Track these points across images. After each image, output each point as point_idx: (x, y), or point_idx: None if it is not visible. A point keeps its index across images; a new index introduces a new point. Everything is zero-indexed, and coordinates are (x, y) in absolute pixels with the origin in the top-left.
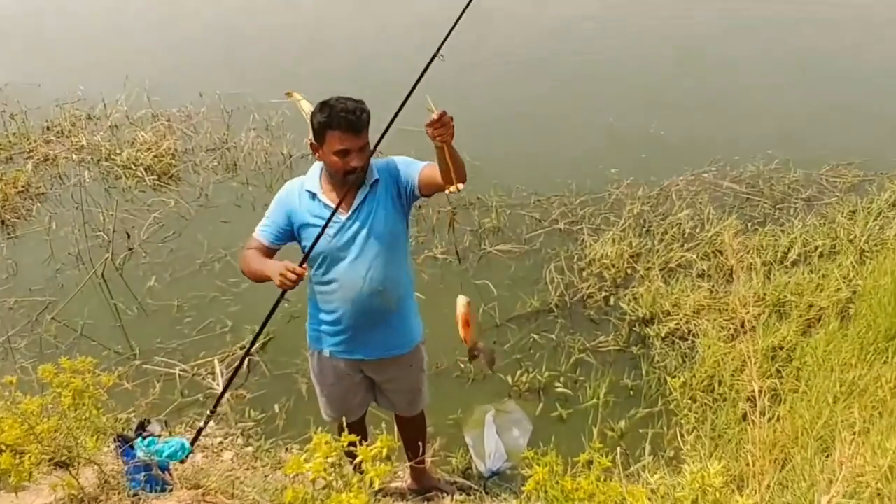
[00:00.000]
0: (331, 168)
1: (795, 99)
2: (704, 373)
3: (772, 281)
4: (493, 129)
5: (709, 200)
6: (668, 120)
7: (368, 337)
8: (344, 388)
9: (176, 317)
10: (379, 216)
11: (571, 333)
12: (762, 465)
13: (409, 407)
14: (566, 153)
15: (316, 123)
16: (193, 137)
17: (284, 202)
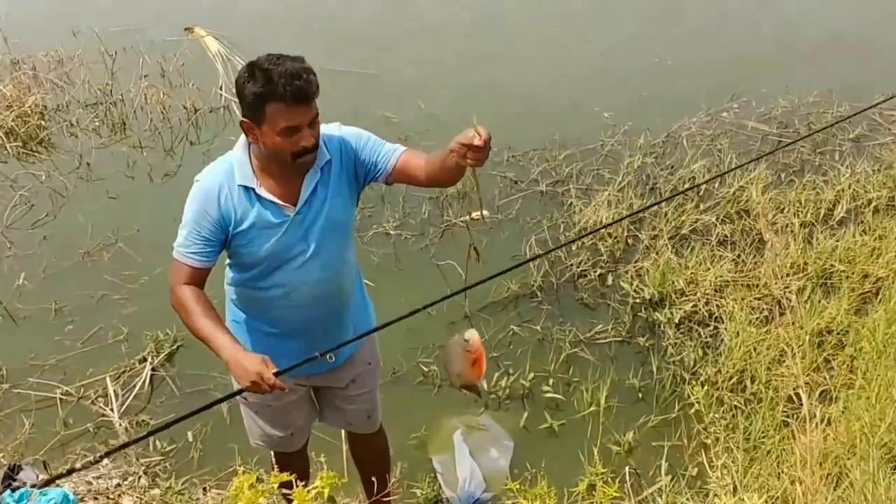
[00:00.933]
0: (272, 152)
1: (839, 13)
2: (732, 367)
3: (814, 246)
4: (454, 66)
5: (730, 147)
6: (676, 46)
7: (315, 346)
8: (283, 406)
9: (54, 324)
10: (335, 206)
11: (561, 323)
12: (812, 484)
13: (368, 422)
14: (547, 95)
15: (249, 95)
16: (67, 90)
17: (207, 206)
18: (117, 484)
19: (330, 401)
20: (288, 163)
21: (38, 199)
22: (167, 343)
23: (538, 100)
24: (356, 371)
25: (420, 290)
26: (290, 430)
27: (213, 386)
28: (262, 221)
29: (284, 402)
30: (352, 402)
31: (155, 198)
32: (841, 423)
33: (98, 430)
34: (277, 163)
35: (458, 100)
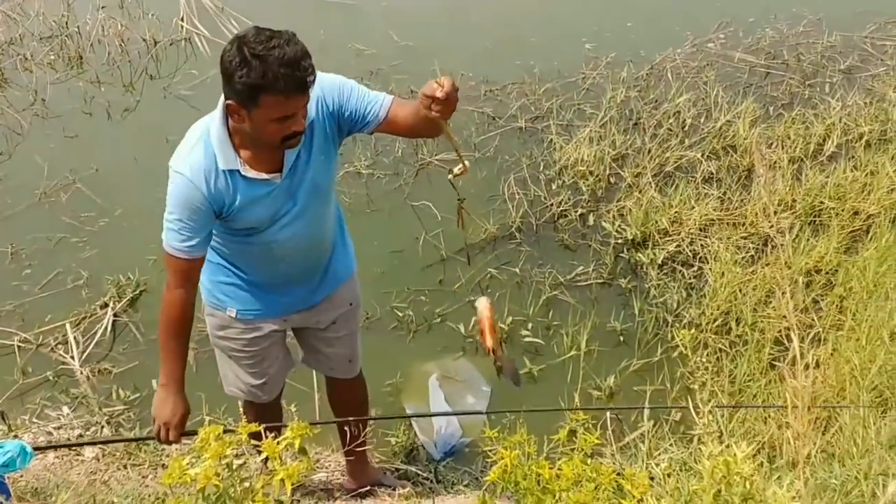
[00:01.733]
0: (260, 137)
1: None
2: (717, 308)
3: (803, 183)
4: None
5: (716, 79)
6: None
7: (301, 291)
8: (258, 351)
9: (10, 268)
10: (319, 169)
11: (540, 265)
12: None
13: (349, 366)
14: (526, 25)
15: (240, 83)
16: (21, 22)
17: (194, 201)
18: (79, 434)
19: (311, 343)
20: (274, 144)
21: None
22: (129, 288)
23: (516, 30)
24: (336, 312)
25: (394, 232)
26: (263, 379)
27: None
28: (251, 198)
29: (260, 348)
30: (332, 345)
31: (114, 136)
32: (829, 365)
33: (59, 379)
34: (261, 144)
35: (432, 30)
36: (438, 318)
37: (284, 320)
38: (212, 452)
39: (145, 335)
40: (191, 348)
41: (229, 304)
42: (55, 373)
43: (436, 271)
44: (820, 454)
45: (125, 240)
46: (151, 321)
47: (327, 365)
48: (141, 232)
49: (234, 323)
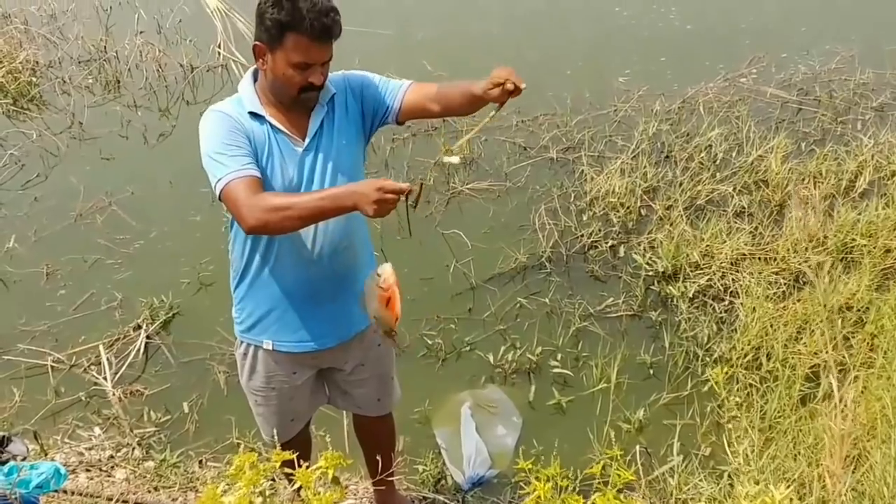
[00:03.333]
0: (280, 82)
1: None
2: (748, 343)
3: (835, 219)
4: (461, 27)
5: (748, 114)
6: (693, 7)
7: (329, 313)
8: (289, 392)
9: (45, 289)
10: (342, 146)
11: (570, 296)
12: (830, 466)
13: (378, 405)
14: (558, 57)
15: (271, 21)
16: (60, 45)
17: (233, 124)
18: (110, 455)
19: (338, 384)
20: (292, 96)
21: (28, 158)
22: (162, 310)
23: (550, 62)
24: (364, 353)
25: (425, 260)
26: (290, 417)
27: (210, 356)
28: (276, 151)
29: (288, 390)
30: (360, 386)
31: (150, 159)
32: (860, 403)
33: (90, 400)
34: (282, 94)
35: (465, 60)
36: (468, 347)
37: (314, 357)
38: (246, 481)
39: (177, 357)
40: (222, 371)
41: (265, 337)
42: (87, 393)
43: (465, 299)
44: (850, 492)
45: (159, 262)
46: (183, 343)
47: (354, 404)
48: (175, 254)
49: (268, 361)
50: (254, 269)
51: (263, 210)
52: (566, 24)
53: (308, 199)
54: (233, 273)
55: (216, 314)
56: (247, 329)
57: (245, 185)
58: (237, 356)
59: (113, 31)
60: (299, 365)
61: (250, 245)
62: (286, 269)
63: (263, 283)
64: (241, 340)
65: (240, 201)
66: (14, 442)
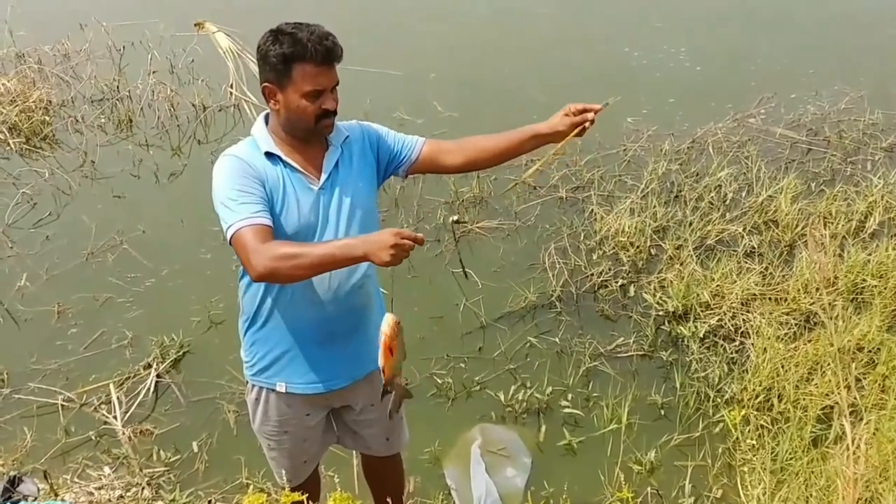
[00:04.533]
0: (295, 116)
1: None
2: (759, 385)
3: (845, 260)
4: (472, 64)
5: (758, 154)
6: (702, 47)
7: (341, 353)
8: (302, 434)
9: (57, 327)
10: (359, 187)
11: (580, 335)
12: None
13: (387, 444)
14: (567, 96)
15: (275, 57)
16: (73, 85)
17: (247, 169)
18: (120, 496)
19: (347, 424)
20: (310, 127)
21: (41, 197)
22: (173, 349)
23: (560, 103)
24: (374, 393)
25: (434, 299)
26: (303, 458)
27: (220, 395)
28: (291, 190)
29: (300, 433)
30: (369, 426)
31: (161, 198)
32: (872, 445)
33: (100, 439)
34: (298, 130)
35: (475, 101)
36: (478, 386)
37: (327, 398)
38: None
39: (187, 396)
40: (231, 411)
41: (279, 380)
42: (97, 432)
43: (475, 338)
44: None
45: (170, 301)
46: (194, 382)
47: (363, 444)
48: (185, 293)
49: (280, 404)
50: (266, 311)
51: (272, 258)
52: (576, 64)
53: (319, 248)
54: (243, 317)
55: (226, 353)
56: (259, 372)
57: (254, 232)
58: (248, 401)
59: (126, 71)
60: (312, 406)
61: (264, 288)
62: (300, 311)
63: (276, 326)
64: (253, 384)
65: (249, 248)
66: (25, 482)
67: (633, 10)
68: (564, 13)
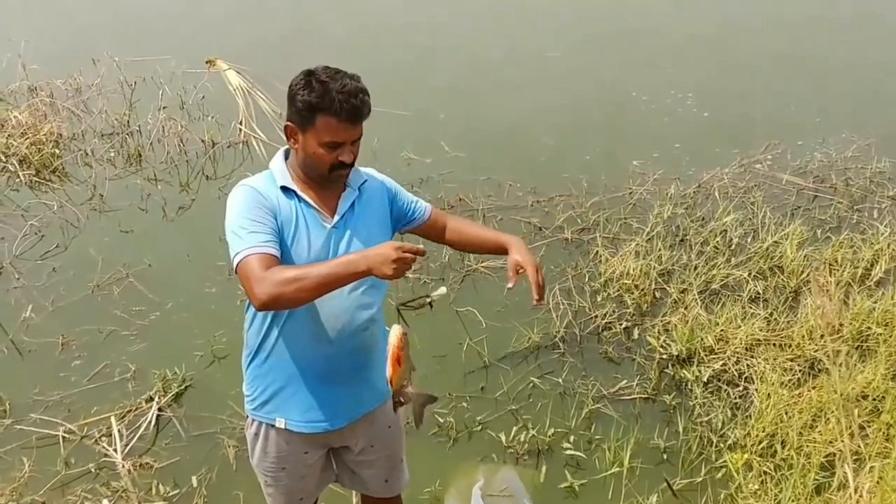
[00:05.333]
0: (311, 161)
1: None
2: (762, 430)
3: (851, 307)
4: (480, 108)
5: (763, 200)
6: (710, 94)
7: (341, 393)
8: (300, 471)
9: (60, 359)
10: (372, 230)
11: (583, 377)
12: None
13: (386, 486)
14: (574, 140)
15: (303, 103)
16: (84, 119)
17: (260, 200)
18: None
19: (346, 464)
20: (324, 174)
21: (48, 229)
22: (175, 383)
23: (567, 146)
24: (374, 434)
25: (438, 337)
26: (300, 496)
27: (220, 429)
28: (303, 224)
29: (299, 470)
30: (368, 467)
31: (168, 232)
32: (876, 493)
33: (100, 471)
34: (313, 172)
35: (483, 143)
36: (479, 426)
37: (325, 437)
38: None
39: (188, 431)
40: (232, 446)
41: (278, 415)
42: (97, 465)
43: (478, 378)
44: None
45: (174, 334)
46: (195, 417)
47: (362, 484)
48: (189, 326)
49: (279, 441)
50: (270, 346)
51: (275, 284)
52: (585, 107)
53: (320, 267)
54: (246, 350)
55: (228, 387)
56: (259, 406)
57: (259, 260)
58: (248, 435)
59: (137, 106)
60: (310, 445)
61: (269, 322)
62: (304, 347)
63: (279, 361)
64: (253, 419)
65: (252, 276)
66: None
67: (644, 55)
68: (575, 57)
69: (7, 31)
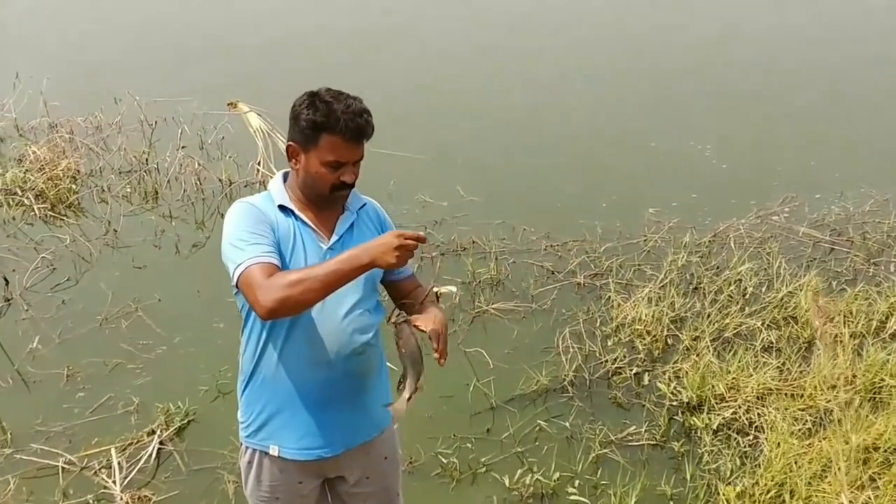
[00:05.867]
0: (312, 180)
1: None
2: (771, 479)
3: (864, 358)
4: (494, 152)
5: (779, 251)
6: (729, 145)
7: (337, 419)
8: (292, 502)
9: (65, 390)
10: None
11: (591, 421)
12: None
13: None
14: (590, 187)
15: (306, 122)
16: (102, 156)
17: (259, 215)
18: None
19: (340, 496)
20: (324, 195)
21: (60, 262)
22: (178, 416)
23: (582, 193)
24: (370, 465)
25: (445, 377)
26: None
27: (221, 464)
28: (300, 243)
29: (295, 496)
30: (363, 500)
31: (180, 269)
32: None
33: (98, 503)
34: (313, 192)
35: (500, 189)
36: (484, 468)
37: (320, 466)
38: None
39: (188, 465)
40: (231, 481)
41: (272, 442)
42: (96, 496)
43: (484, 419)
44: None
45: (179, 368)
46: (196, 451)
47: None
48: (195, 361)
49: (273, 469)
50: (264, 369)
51: (281, 287)
52: (604, 156)
53: (324, 266)
54: (241, 376)
55: (230, 422)
56: (253, 433)
57: (262, 269)
58: (241, 464)
59: (156, 144)
60: (305, 474)
61: (263, 343)
62: (299, 371)
63: (273, 385)
64: (247, 447)
65: (256, 284)
66: None
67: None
68: (597, 106)
69: (29, 68)
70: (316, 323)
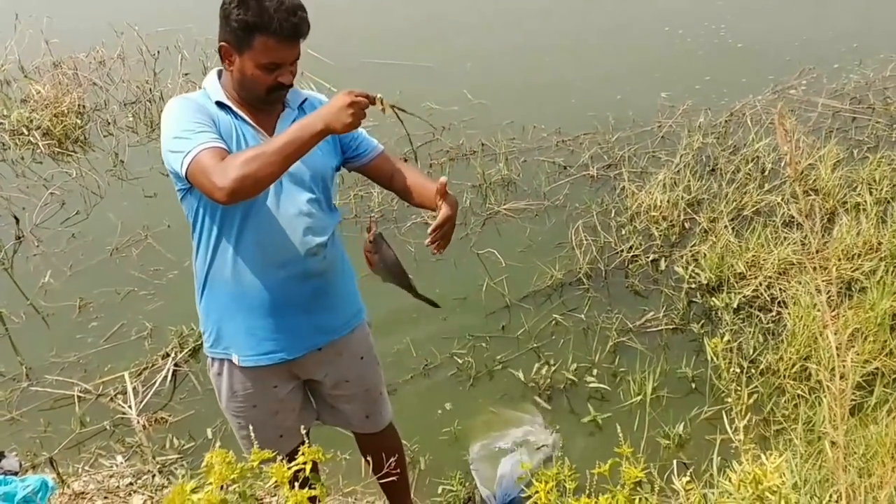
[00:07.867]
0: (248, 82)
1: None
2: (795, 353)
3: (889, 225)
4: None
5: (798, 124)
6: (744, 25)
7: (296, 322)
8: (272, 406)
9: (77, 321)
10: (316, 150)
11: (608, 311)
12: (882, 475)
13: (367, 422)
14: (600, 76)
15: (236, 21)
16: (107, 89)
17: (201, 107)
18: (129, 483)
19: (323, 399)
20: (261, 96)
21: (70, 197)
22: (192, 338)
23: (591, 84)
24: (345, 365)
25: (459, 280)
26: (278, 432)
27: None
28: (242, 141)
29: (270, 405)
30: (346, 402)
31: None
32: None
33: (115, 429)
34: (249, 94)
35: (506, 88)
36: (500, 365)
37: (289, 367)
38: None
39: (204, 384)
40: None
41: (233, 350)
42: (112, 422)
43: (499, 317)
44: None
45: (191, 291)
46: None
47: (344, 420)
48: None
49: (244, 378)
50: (218, 275)
51: (238, 166)
52: (618, 50)
53: (279, 138)
54: (197, 285)
55: None
56: (214, 342)
57: (212, 153)
58: (212, 377)
59: (160, 74)
60: (276, 377)
61: (213, 248)
62: (252, 275)
63: (228, 291)
64: (213, 358)
65: (209, 168)
66: (7, 458)
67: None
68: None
69: (28, 8)
70: (266, 225)
